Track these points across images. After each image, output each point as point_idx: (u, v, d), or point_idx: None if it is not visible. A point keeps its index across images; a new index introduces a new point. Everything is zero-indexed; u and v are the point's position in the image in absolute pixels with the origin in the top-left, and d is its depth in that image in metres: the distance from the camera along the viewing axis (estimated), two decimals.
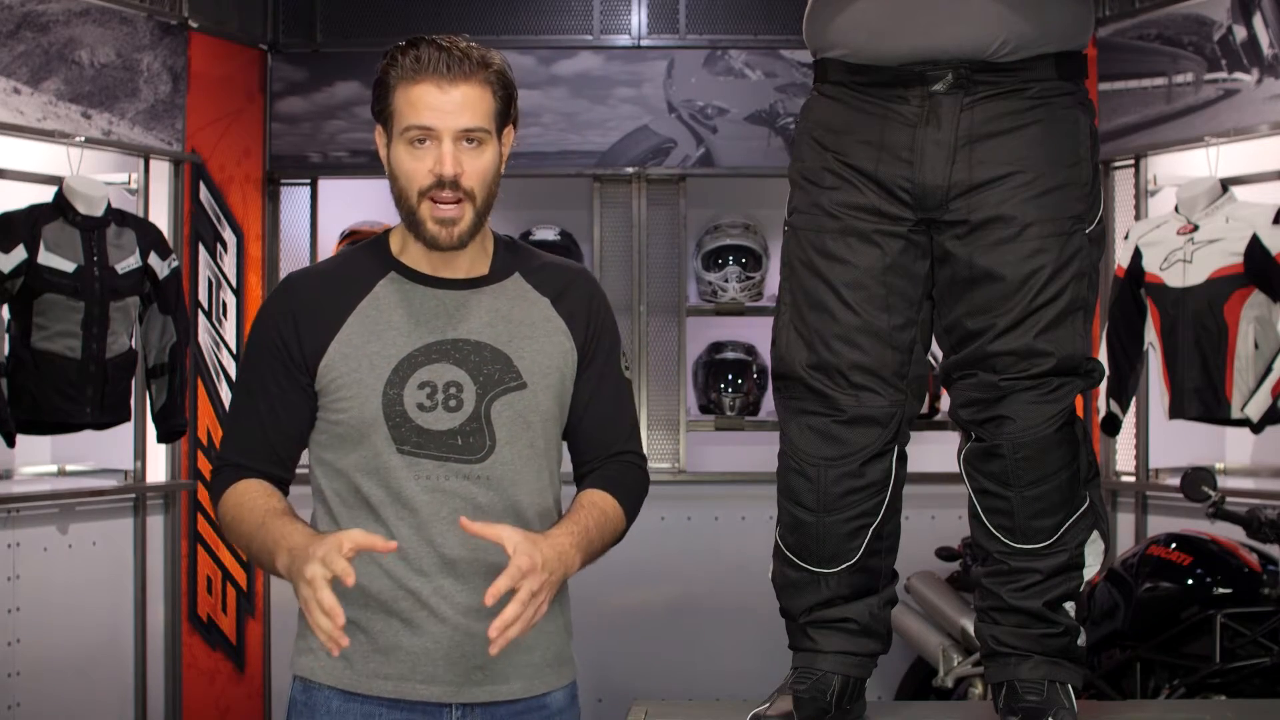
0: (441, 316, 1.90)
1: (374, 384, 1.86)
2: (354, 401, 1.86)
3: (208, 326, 4.77)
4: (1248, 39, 4.12)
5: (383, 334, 1.88)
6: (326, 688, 1.92)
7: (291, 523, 1.82)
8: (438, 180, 1.84)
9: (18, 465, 4.31)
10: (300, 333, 1.89)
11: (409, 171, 1.86)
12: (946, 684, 3.77)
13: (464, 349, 1.89)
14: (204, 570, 4.76)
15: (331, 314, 1.89)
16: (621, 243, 5.01)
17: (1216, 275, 3.94)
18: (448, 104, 1.83)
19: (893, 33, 1.96)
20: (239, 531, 1.89)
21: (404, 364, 1.87)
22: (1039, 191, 1.95)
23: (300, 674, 1.95)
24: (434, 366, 1.87)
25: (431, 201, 1.85)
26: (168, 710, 4.65)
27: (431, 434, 1.87)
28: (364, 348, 1.87)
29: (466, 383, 1.88)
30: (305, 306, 1.90)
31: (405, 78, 1.84)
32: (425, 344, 1.88)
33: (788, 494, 2.09)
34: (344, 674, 1.91)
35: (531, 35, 5.01)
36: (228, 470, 1.93)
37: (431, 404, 1.87)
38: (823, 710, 2.04)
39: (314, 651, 1.92)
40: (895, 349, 2.03)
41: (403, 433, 1.86)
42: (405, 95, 1.84)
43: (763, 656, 2.98)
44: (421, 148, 1.84)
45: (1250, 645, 3.16)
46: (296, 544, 1.76)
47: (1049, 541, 2.01)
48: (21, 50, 4.09)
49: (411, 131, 1.84)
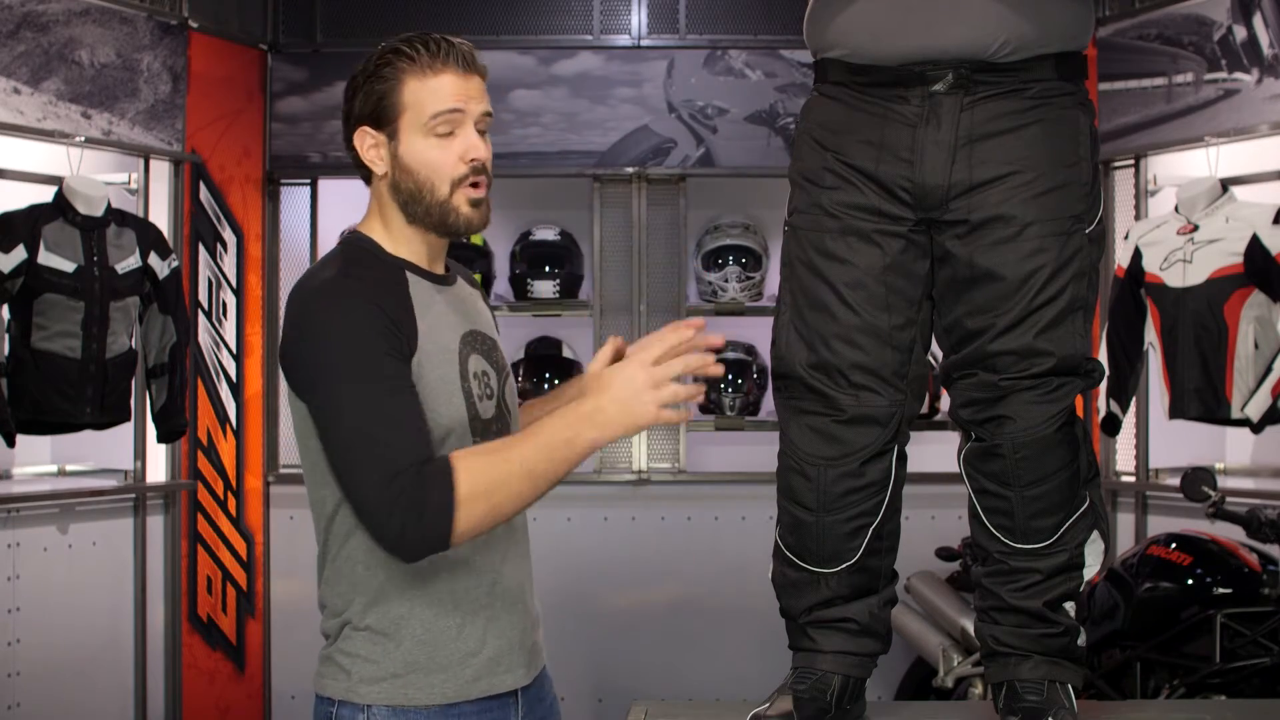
0: (457, 312, 1.93)
1: (454, 379, 1.86)
2: (442, 399, 1.82)
3: (208, 326, 4.77)
4: (1248, 39, 4.12)
5: (439, 330, 1.87)
6: (424, 709, 1.84)
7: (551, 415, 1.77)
8: (472, 167, 1.86)
9: (18, 465, 4.32)
10: (399, 325, 1.78)
11: (435, 162, 1.85)
12: (946, 684, 3.77)
13: (480, 339, 1.94)
14: (204, 570, 4.76)
15: (405, 311, 1.81)
16: (621, 243, 5.01)
17: (1216, 275, 3.94)
18: (471, 90, 1.86)
19: (893, 33, 1.96)
20: (512, 470, 1.72)
21: (461, 358, 1.88)
22: (1039, 191, 1.95)
23: (387, 701, 1.84)
24: (473, 358, 1.91)
25: (469, 187, 1.87)
26: (168, 710, 4.65)
27: (488, 424, 1.90)
28: (437, 342, 1.85)
29: (491, 372, 1.93)
30: (384, 300, 1.79)
31: (422, 70, 1.84)
32: (461, 337, 1.90)
33: (788, 494, 2.09)
34: (444, 685, 1.85)
35: (531, 35, 5.01)
36: (425, 469, 1.70)
37: (480, 394, 1.89)
38: (823, 710, 2.04)
39: (401, 675, 1.84)
40: (895, 349, 2.03)
41: (477, 425, 1.87)
42: (424, 86, 1.84)
43: (763, 656, 2.98)
44: (447, 137, 1.85)
45: (1250, 645, 3.16)
46: (583, 409, 1.74)
47: (1049, 541, 2.01)
48: (21, 50, 4.09)
49: (439, 119, 1.84)
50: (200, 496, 4.72)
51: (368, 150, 1.88)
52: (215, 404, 4.78)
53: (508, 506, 1.74)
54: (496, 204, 1.96)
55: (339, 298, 1.78)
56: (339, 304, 1.77)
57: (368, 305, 1.77)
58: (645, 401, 1.74)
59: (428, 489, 1.69)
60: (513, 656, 1.91)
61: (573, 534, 4.83)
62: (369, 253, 1.89)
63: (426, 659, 1.84)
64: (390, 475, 1.70)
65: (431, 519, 1.70)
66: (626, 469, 4.99)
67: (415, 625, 1.84)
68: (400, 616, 1.84)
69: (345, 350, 1.75)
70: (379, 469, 1.70)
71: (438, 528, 1.70)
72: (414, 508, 1.69)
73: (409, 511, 1.69)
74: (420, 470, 1.70)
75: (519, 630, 1.93)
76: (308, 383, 1.79)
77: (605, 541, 4.95)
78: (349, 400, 1.73)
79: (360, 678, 1.84)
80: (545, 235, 4.98)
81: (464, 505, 1.70)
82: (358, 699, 1.84)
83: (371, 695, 1.84)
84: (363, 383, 1.73)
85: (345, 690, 1.85)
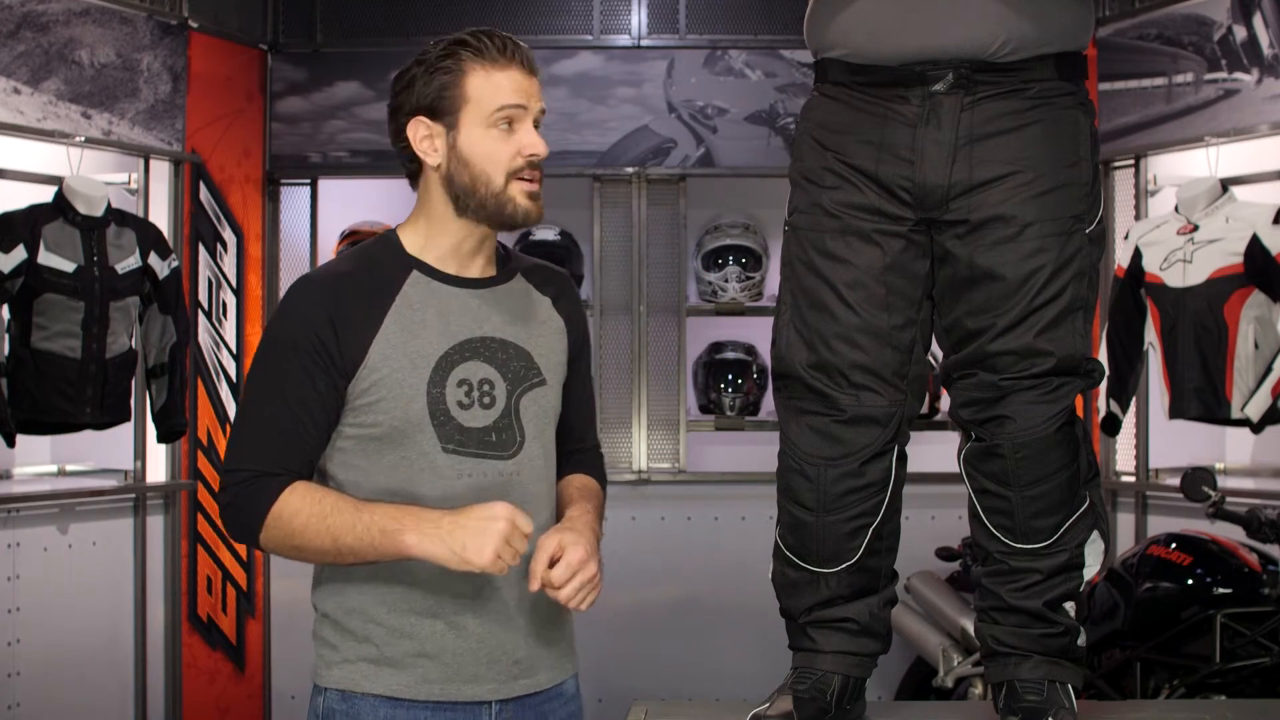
0: (469, 314, 1.91)
1: (417, 383, 1.86)
2: (397, 402, 1.85)
3: (208, 326, 4.77)
4: (1248, 39, 4.13)
5: (419, 333, 1.87)
6: (372, 696, 1.88)
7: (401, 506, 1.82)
8: (529, 162, 1.89)
9: (18, 465, 4.31)
10: (340, 334, 1.83)
11: (492, 154, 1.88)
12: (946, 684, 3.77)
13: (492, 346, 1.92)
14: (204, 570, 4.76)
15: (368, 315, 1.86)
16: (621, 243, 5.01)
17: (1216, 275, 3.94)
18: (533, 88, 1.91)
19: (893, 33, 1.96)
20: (322, 528, 1.80)
21: (443, 362, 1.87)
22: (1039, 191, 1.95)
23: (337, 685, 1.90)
24: (469, 364, 1.89)
25: (522, 180, 1.90)
26: (168, 710, 4.65)
27: (470, 431, 1.88)
28: (404, 347, 1.86)
29: (497, 380, 1.91)
30: (341, 307, 1.85)
31: (488, 63, 1.87)
32: (459, 342, 1.89)
33: (788, 494, 2.09)
34: (392, 680, 1.88)
35: (531, 35, 5.00)
36: (266, 480, 1.83)
37: (469, 401, 1.88)
38: (823, 710, 2.04)
39: (353, 662, 1.89)
40: (895, 348, 2.03)
41: (447, 431, 1.87)
42: (489, 80, 1.87)
43: (763, 656, 2.98)
44: (507, 131, 1.88)
45: (1250, 645, 3.16)
46: (429, 515, 1.79)
47: (1049, 541, 2.01)
48: (21, 50, 4.09)
49: (503, 112, 1.87)
50: (200, 496, 4.72)
51: (421, 141, 1.89)
52: (215, 404, 4.78)
53: (309, 555, 1.85)
54: None
55: (300, 301, 1.87)
56: (296, 308, 1.87)
57: (316, 318, 1.84)
58: (487, 547, 1.76)
59: (247, 498, 1.83)
60: (479, 668, 1.90)
61: None
62: (373, 250, 1.93)
63: (375, 653, 1.88)
64: (234, 467, 1.86)
65: (241, 522, 1.85)
66: (627, 469, 4.99)
67: (366, 619, 1.89)
68: (353, 609, 1.89)
69: (268, 349, 1.88)
70: (231, 457, 1.87)
71: (242, 533, 1.86)
72: (232, 505, 1.85)
73: (230, 504, 1.86)
74: (254, 479, 1.83)
75: (495, 641, 1.91)
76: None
77: (605, 541, 4.87)
78: (249, 392, 1.90)
79: (324, 662, 1.92)
80: (545, 235, 4.98)
81: (268, 529, 1.83)
82: (320, 682, 1.93)
83: (329, 679, 1.91)
84: (264, 384, 1.87)
85: (314, 674, 1.94)
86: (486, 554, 1.76)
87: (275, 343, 1.87)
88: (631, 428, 4.99)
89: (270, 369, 1.86)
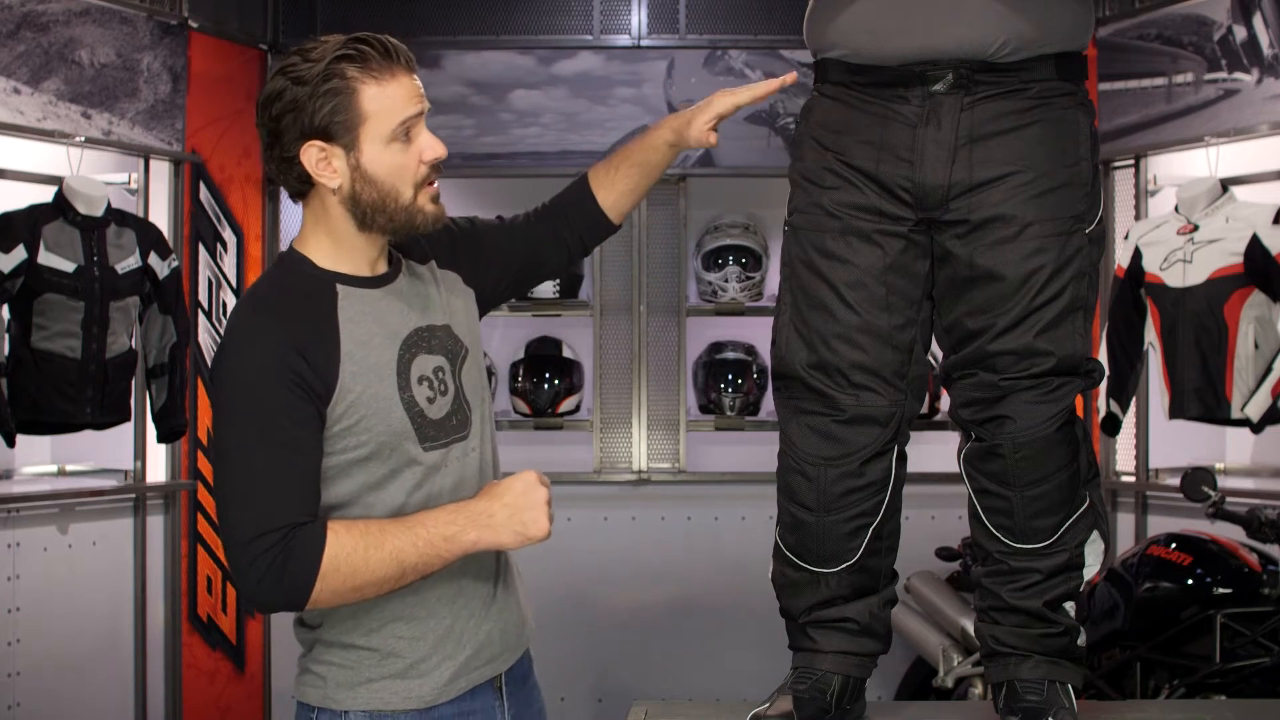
0: (397, 313, 1.88)
1: (390, 393, 1.82)
2: (379, 417, 1.80)
3: (208, 326, 4.77)
4: (1248, 39, 4.13)
5: (371, 344, 1.83)
6: (402, 713, 1.85)
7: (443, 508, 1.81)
8: (431, 166, 1.85)
9: (18, 465, 4.31)
10: (309, 360, 1.74)
11: (398, 169, 1.81)
12: (946, 684, 3.77)
13: (429, 334, 1.90)
14: (204, 570, 4.76)
15: (324, 337, 1.78)
16: (621, 243, 5.00)
17: (1216, 275, 3.94)
18: (419, 88, 1.85)
19: (893, 33, 1.96)
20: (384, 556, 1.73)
21: (401, 366, 1.85)
22: (1039, 191, 1.96)
23: (366, 707, 1.84)
24: (419, 359, 1.87)
25: (427, 187, 1.86)
26: (168, 710, 4.65)
27: (439, 423, 1.88)
28: (365, 361, 1.81)
29: (445, 365, 1.90)
30: (298, 333, 1.75)
31: (376, 74, 1.80)
32: (402, 341, 1.87)
33: (788, 494, 2.09)
34: (421, 689, 1.86)
35: (531, 35, 5.00)
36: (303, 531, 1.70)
37: (433, 394, 1.87)
38: (823, 710, 2.04)
39: (378, 681, 1.85)
40: (895, 349, 2.03)
41: (425, 431, 1.85)
42: (383, 93, 1.79)
43: (763, 656, 2.98)
44: (407, 141, 1.82)
45: (1250, 645, 3.16)
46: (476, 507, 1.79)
47: (1049, 541, 2.01)
48: (21, 50, 4.09)
49: (404, 125, 1.80)
50: (200, 496, 4.72)
51: (318, 164, 1.79)
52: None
53: (370, 590, 1.75)
54: (496, 204, 1.97)
55: (255, 335, 1.75)
56: (254, 342, 1.74)
57: (281, 347, 1.73)
58: (541, 519, 1.79)
59: (291, 555, 1.69)
60: (491, 648, 1.92)
61: (573, 534, 4.82)
62: (283, 273, 1.86)
63: (403, 668, 1.86)
64: (258, 532, 1.69)
65: (289, 584, 1.71)
66: (626, 469, 4.99)
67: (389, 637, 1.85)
68: (372, 630, 1.86)
69: (238, 393, 1.73)
70: (249, 523, 1.70)
71: (293, 594, 1.72)
72: (273, 570, 1.69)
73: (268, 572, 1.69)
74: (289, 534, 1.70)
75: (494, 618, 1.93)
76: (214, 410, 1.81)
77: (605, 541, 4.95)
78: (238, 446, 1.73)
79: (336, 683, 1.86)
80: None
81: (325, 579, 1.71)
82: (335, 705, 1.85)
83: (348, 701, 1.85)
84: (254, 432, 1.72)
85: (322, 697, 1.86)
86: (544, 524, 1.80)
87: (244, 385, 1.73)
88: (631, 428, 4.99)
89: (249, 414, 1.72)
